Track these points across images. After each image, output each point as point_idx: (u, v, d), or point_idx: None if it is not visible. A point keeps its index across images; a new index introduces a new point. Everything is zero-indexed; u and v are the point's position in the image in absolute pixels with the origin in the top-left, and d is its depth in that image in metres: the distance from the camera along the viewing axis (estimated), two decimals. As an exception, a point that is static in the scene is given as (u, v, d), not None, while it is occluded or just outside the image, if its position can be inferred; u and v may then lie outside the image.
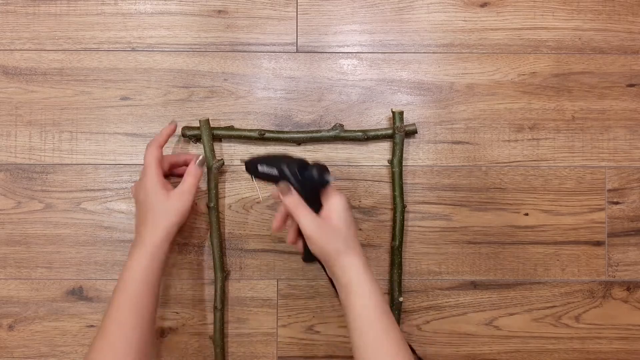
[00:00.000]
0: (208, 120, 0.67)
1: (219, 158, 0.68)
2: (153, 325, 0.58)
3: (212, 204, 0.67)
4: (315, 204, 0.57)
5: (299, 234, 0.59)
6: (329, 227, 0.55)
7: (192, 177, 0.62)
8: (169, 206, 0.60)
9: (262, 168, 0.58)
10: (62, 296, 0.69)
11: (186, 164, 0.66)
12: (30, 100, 0.70)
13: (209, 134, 0.67)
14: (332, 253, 0.54)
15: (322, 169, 0.56)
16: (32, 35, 0.70)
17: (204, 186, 0.68)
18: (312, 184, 0.56)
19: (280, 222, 0.60)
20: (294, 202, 0.55)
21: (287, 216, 0.59)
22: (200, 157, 0.64)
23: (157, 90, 0.70)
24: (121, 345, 0.54)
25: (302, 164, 0.57)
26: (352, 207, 0.70)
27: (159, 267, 0.59)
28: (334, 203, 0.56)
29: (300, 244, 0.60)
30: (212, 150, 0.67)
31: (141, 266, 0.58)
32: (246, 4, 0.70)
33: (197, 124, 0.68)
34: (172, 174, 0.67)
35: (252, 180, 0.60)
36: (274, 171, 0.57)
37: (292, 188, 0.56)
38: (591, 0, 0.71)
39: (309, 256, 0.59)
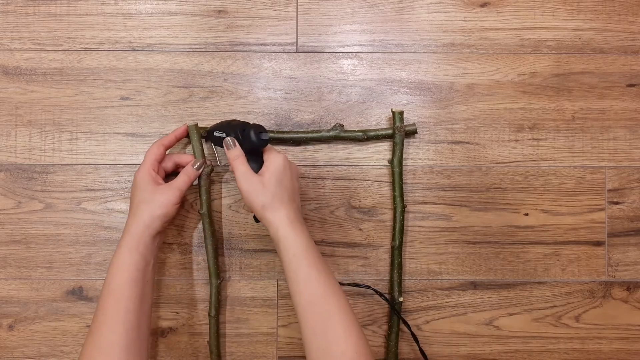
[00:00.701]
0: (197, 125, 0.67)
1: (209, 164, 0.67)
2: (143, 319, 0.57)
3: (203, 211, 0.67)
4: (259, 163, 0.61)
5: None
6: (258, 182, 0.58)
7: (185, 175, 0.64)
8: (154, 198, 0.60)
9: (216, 133, 0.64)
10: (62, 296, 0.69)
11: None
12: (30, 100, 0.70)
13: (198, 139, 0.66)
14: (258, 207, 0.58)
15: (259, 128, 0.61)
16: (32, 35, 0.70)
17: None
18: (252, 144, 0.60)
19: None
20: (234, 154, 0.60)
21: None
22: (200, 161, 0.65)
23: (157, 90, 0.70)
24: (105, 344, 0.54)
25: (244, 126, 0.61)
26: (352, 207, 0.70)
27: (140, 259, 0.58)
28: (269, 160, 0.60)
29: None
30: (203, 155, 0.67)
31: (121, 258, 0.58)
32: (246, 4, 0.70)
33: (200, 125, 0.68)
34: (176, 172, 0.67)
35: (213, 147, 0.68)
36: (223, 134, 0.62)
37: (236, 143, 0.61)
38: (591, 0, 0.71)
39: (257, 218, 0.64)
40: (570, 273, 0.70)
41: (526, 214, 0.70)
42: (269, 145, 0.62)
